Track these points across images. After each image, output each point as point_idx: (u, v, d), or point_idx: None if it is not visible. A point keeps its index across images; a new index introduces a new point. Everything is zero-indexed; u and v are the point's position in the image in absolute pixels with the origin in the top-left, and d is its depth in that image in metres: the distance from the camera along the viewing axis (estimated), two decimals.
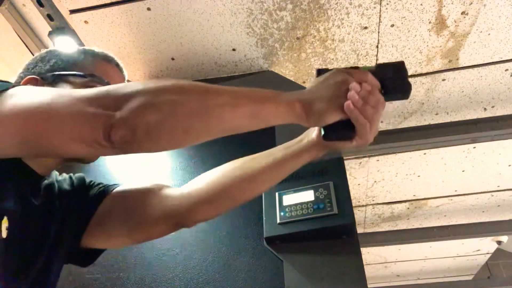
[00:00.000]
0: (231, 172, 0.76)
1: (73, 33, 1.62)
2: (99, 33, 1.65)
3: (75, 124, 0.50)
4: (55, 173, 0.75)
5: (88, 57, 0.76)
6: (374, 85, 0.64)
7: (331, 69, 0.67)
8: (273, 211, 1.12)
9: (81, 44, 1.65)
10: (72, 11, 1.56)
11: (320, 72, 0.69)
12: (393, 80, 0.68)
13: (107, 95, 0.52)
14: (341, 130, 0.65)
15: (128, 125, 0.50)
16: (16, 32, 1.71)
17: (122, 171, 1.48)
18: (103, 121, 0.50)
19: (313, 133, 0.73)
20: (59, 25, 1.59)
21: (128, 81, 0.82)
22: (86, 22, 1.61)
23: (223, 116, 0.56)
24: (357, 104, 0.61)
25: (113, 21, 1.61)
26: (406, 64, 0.69)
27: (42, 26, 1.69)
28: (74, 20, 1.60)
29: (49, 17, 1.57)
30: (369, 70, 0.67)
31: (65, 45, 1.60)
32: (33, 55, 0.77)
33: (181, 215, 0.77)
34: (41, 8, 1.54)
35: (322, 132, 0.67)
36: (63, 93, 0.55)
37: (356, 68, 0.68)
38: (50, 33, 1.60)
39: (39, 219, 0.64)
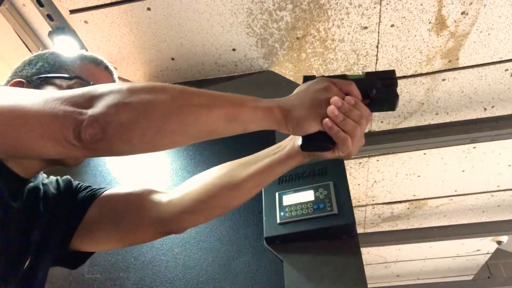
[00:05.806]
0: (219, 180, 0.75)
1: (73, 33, 1.62)
2: (99, 33, 1.65)
3: (45, 121, 0.49)
4: (41, 176, 0.74)
5: (75, 60, 0.75)
6: (358, 97, 0.62)
7: (317, 77, 0.65)
8: (273, 211, 1.12)
9: (81, 44, 1.65)
10: (72, 11, 1.56)
11: (306, 79, 0.66)
12: (380, 90, 0.64)
13: (82, 94, 0.51)
14: (319, 142, 0.62)
15: (99, 123, 0.48)
16: (16, 32, 1.71)
17: (122, 171, 1.48)
18: (73, 118, 0.48)
19: (298, 138, 0.70)
20: (59, 25, 1.59)
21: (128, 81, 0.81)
22: (86, 22, 1.61)
23: (199, 117, 0.54)
24: (337, 119, 0.59)
25: (113, 21, 1.61)
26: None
27: (42, 26, 1.69)
28: (74, 20, 1.60)
29: (49, 17, 1.57)
30: (358, 78, 0.65)
31: (65, 45, 1.60)
32: None
33: (169, 223, 0.76)
34: (41, 8, 1.54)
35: (300, 142, 0.64)
36: (40, 93, 0.53)
37: (344, 76, 0.65)
38: (50, 33, 1.60)
39: (21, 223, 0.63)
